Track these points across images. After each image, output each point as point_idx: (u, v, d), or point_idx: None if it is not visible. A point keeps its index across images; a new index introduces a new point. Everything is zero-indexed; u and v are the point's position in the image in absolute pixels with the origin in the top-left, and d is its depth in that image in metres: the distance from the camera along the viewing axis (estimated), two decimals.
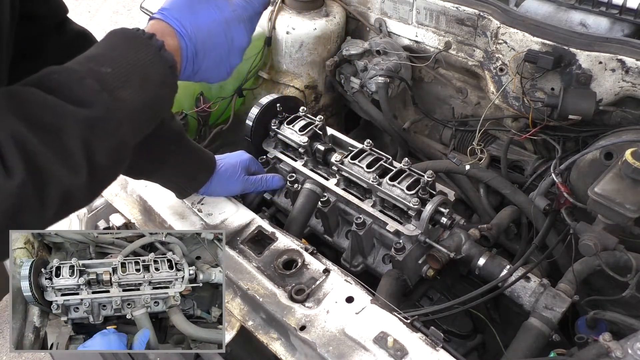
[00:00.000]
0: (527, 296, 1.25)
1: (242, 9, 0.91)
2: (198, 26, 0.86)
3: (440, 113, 2.07)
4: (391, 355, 0.99)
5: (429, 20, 1.81)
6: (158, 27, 0.83)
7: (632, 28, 1.60)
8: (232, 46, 0.91)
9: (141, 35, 0.78)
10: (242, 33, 0.92)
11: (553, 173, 1.39)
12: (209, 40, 0.87)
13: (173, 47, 0.83)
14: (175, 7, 0.86)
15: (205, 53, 0.88)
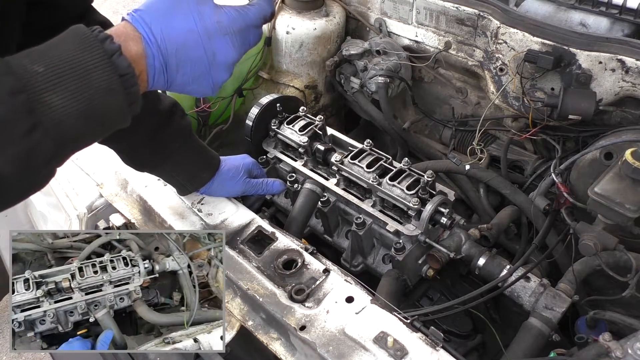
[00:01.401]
0: (527, 296, 1.25)
1: (229, 20, 0.80)
2: (170, 35, 0.76)
3: (440, 113, 2.07)
4: (391, 355, 0.98)
5: (429, 20, 1.81)
6: (123, 30, 0.76)
7: (632, 28, 1.60)
8: (213, 61, 0.81)
9: (93, 35, 0.70)
10: (227, 47, 0.81)
11: (553, 173, 1.39)
12: (182, 52, 0.78)
13: (136, 54, 0.74)
14: (149, 9, 0.77)
15: (179, 65, 0.78)
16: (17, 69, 0.64)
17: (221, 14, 0.79)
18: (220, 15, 0.79)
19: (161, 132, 1.20)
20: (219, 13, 0.79)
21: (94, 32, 0.70)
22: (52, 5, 0.95)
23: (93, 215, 1.52)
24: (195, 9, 0.78)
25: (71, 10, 1.02)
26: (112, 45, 0.71)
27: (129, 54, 0.73)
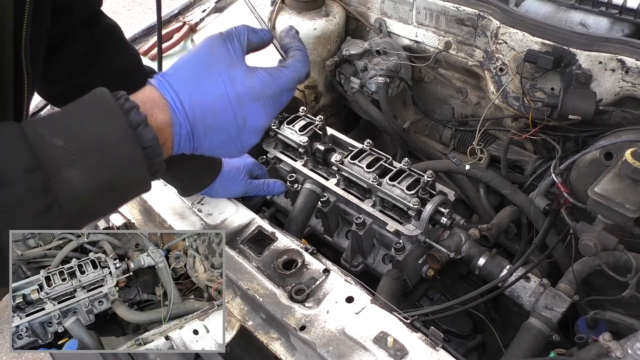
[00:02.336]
0: (527, 296, 1.25)
1: (262, 85, 0.74)
2: (198, 102, 0.71)
3: (440, 113, 2.07)
4: (391, 355, 0.98)
5: (429, 20, 1.81)
6: (149, 97, 0.70)
7: (632, 28, 1.60)
8: (244, 126, 0.75)
9: (118, 105, 0.65)
10: (259, 113, 0.75)
11: (553, 173, 1.39)
12: (212, 119, 0.72)
13: (162, 123, 0.69)
14: (177, 74, 0.72)
15: (207, 131, 0.73)
16: (34, 140, 0.59)
17: (254, 79, 0.74)
18: (252, 80, 0.73)
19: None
20: (252, 77, 0.73)
21: (119, 101, 0.65)
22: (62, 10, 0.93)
23: None
24: (226, 74, 0.72)
25: (83, 14, 1.01)
26: (137, 117, 0.66)
27: (155, 122, 0.68)
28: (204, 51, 0.73)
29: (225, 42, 0.73)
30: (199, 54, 0.73)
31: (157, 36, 1.53)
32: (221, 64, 0.72)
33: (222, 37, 0.74)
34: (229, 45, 0.73)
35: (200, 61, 0.72)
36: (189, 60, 0.73)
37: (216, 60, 0.72)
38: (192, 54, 0.73)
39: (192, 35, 1.86)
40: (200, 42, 0.74)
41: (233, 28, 0.75)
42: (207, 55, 0.72)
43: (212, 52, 0.72)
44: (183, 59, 0.73)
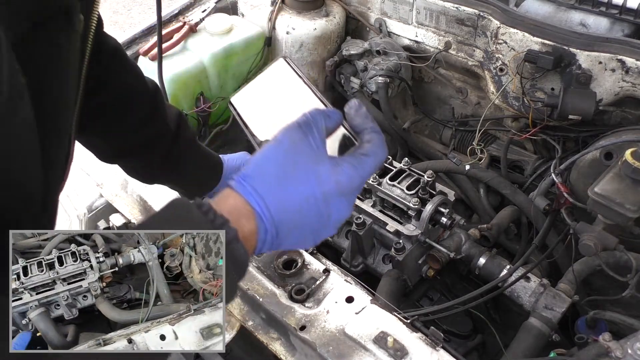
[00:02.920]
0: (527, 296, 1.25)
1: (348, 180, 0.69)
2: (286, 206, 0.66)
3: (440, 113, 2.07)
4: (391, 355, 0.99)
5: (429, 20, 1.81)
6: (234, 205, 0.65)
7: (632, 28, 1.60)
8: (327, 222, 0.71)
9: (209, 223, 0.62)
10: (343, 208, 0.70)
11: (553, 173, 1.39)
12: (297, 220, 0.68)
13: (248, 232, 0.65)
14: (261, 177, 0.66)
15: (290, 233, 0.69)
16: None
17: (339, 174, 0.68)
18: (338, 175, 0.68)
19: (173, 148, 1.18)
20: (337, 172, 0.68)
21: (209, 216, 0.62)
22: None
23: (93, 215, 1.52)
24: (313, 171, 0.67)
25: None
26: (228, 234, 0.62)
27: (242, 233, 0.64)
28: (287, 147, 0.67)
29: (306, 135, 0.68)
30: (282, 150, 0.67)
31: (157, 36, 1.53)
32: (306, 160, 0.67)
33: (302, 129, 0.68)
34: (310, 138, 0.68)
35: (284, 159, 0.67)
36: (272, 158, 0.67)
37: (300, 156, 0.67)
38: (273, 150, 0.68)
39: (192, 36, 1.87)
40: (279, 134, 0.68)
41: (309, 116, 0.69)
42: (290, 152, 0.67)
43: (294, 148, 0.67)
44: (264, 156, 0.68)
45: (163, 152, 1.17)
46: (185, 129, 1.22)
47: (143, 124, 1.12)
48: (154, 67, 1.60)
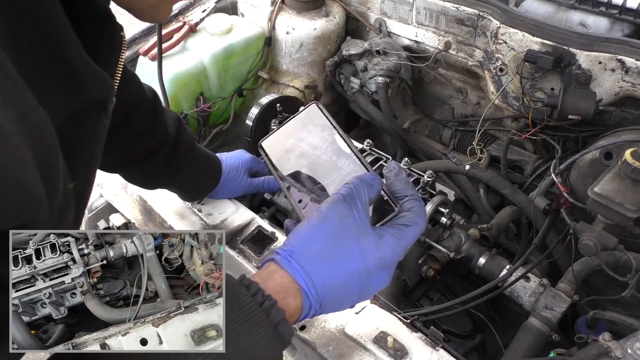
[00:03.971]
0: (526, 296, 1.25)
1: (391, 255, 0.68)
2: (331, 283, 0.66)
3: (440, 113, 2.07)
4: (391, 355, 0.99)
5: (429, 21, 1.81)
6: (281, 284, 0.64)
7: (631, 28, 1.60)
8: (366, 294, 0.70)
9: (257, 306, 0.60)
10: (384, 280, 0.70)
11: (553, 173, 1.39)
12: (340, 295, 0.68)
13: (294, 309, 0.65)
14: (307, 253, 0.65)
15: (332, 305, 0.69)
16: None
17: (383, 249, 0.68)
18: (382, 251, 0.68)
19: (173, 153, 1.19)
20: (381, 247, 0.67)
21: (256, 298, 0.60)
22: None
23: (93, 215, 1.52)
24: (357, 248, 0.66)
25: None
26: (277, 315, 0.61)
27: (288, 311, 0.63)
28: (333, 223, 0.66)
29: (351, 209, 0.67)
30: (328, 226, 0.66)
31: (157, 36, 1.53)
32: (351, 235, 0.66)
33: (347, 203, 0.67)
34: (354, 212, 0.67)
35: (331, 235, 0.66)
36: (318, 235, 0.66)
37: (346, 231, 0.66)
38: (319, 225, 0.67)
39: (192, 36, 1.87)
40: (323, 208, 0.68)
41: (352, 187, 0.68)
42: (336, 228, 0.66)
43: (340, 224, 0.66)
44: (310, 232, 0.67)
45: (164, 158, 1.17)
46: (185, 133, 1.22)
47: (144, 133, 1.11)
48: (153, 67, 1.60)
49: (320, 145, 0.78)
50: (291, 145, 0.79)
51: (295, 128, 0.80)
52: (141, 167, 1.16)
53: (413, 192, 0.72)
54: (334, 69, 2.00)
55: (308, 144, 0.78)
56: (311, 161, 0.77)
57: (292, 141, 0.79)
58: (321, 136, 0.78)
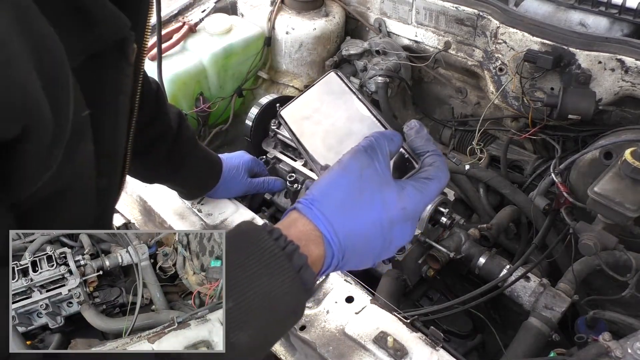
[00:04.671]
0: (526, 296, 1.25)
1: (413, 205, 0.68)
2: (353, 231, 0.65)
3: (439, 113, 2.07)
4: (391, 355, 0.99)
5: (429, 20, 1.81)
6: (303, 231, 0.64)
7: (631, 28, 1.60)
8: (388, 247, 0.70)
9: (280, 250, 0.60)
10: (406, 232, 0.70)
11: (553, 173, 1.39)
12: (362, 245, 0.67)
13: (316, 257, 0.64)
14: (329, 202, 0.65)
15: (354, 256, 0.68)
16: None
17: (405, 199, 0.67)
18: (404, 201, 0.67)
19: (174, 147, 1.18)
20: (403, 198, 0.67)
21: (279, 242, 0.60)
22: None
23: None
24: (379, 197, 0.66)
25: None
26: (299, 260, 0.61)
27: (310, 259, 0.63)
28: (354, 172, 0.66)
29: (372, 160, 0.67)
30: (349, 175, 0.66)
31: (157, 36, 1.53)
32: (373, 186, 0.66)
33: (368, 154, 0.67)
34: (375, 163, 0.67)
35: (352, 185, 0.66)
36: (340, 184, 0.66)
37: (367, 182, 0.66)
38: (341, 175, 0.66)
39: (191, 36, 1.87)
40: (345, 159, 0.67)
41: (373, 139, 0.68)
42: (358, 178, 0.66)
43: (362, 174, 0.66)
44: (331, 181, 0.67)
45: (165, 151, 1.17)
46: (186, 128, 1.22)
47: (147, 123, 1.11)
48: (153, 68, 1.60)
49: (340, 110, 0.78)
50: (311, 112, 0.79)
51: (314, 96, 0.80)
52: (142, 159, 1.16)
53: (434, 148, 0.72)
54: (334, 68, 2.00)
55: (328, 111, 0.78)
56: (331, 127, 0.77)
57: (312, 109, 0.79)
58: (340, 102, 0.78)
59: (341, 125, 0.77)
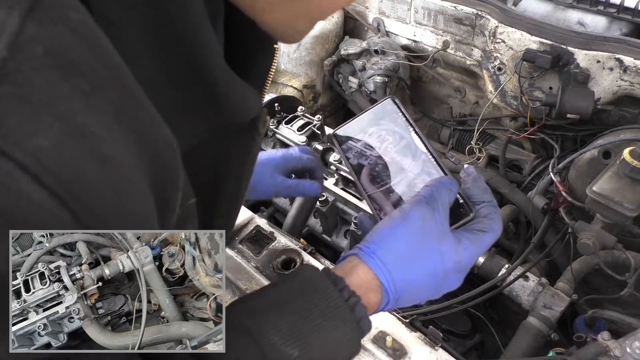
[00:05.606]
0: (525, 295, 1.25)
1: (469, 257, 0.69)
2: (410, 283, 0.67)
3: (438, 112, 2.07)
4: (390, 355, 0.98)
5: (427, 20, 1.81)
6: (364, 280, 0.65)
7: (630, 27, 1.60)
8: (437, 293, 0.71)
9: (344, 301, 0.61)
10: (457, 282, 0.71)
11: (551, 172, 1.39)
12: (415, 293, 0.69)
13: (373, 305, 0.66)
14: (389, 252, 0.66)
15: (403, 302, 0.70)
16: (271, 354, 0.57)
17: (461, 253, 0.68)
18: (460, 254, 0.68)
19: None
20: (460, 251, 0.68)
21: (343, 294, 0.62)
22: None
23: None
24: (437, 251, 0.67)
25: None
26: (361, 311, 0.62)
27: (369, 307, 0.65)
28: (416, 224, 0.67)
29: (433, 211, 0.68)
30: (411, 226, 0.67)
31: None
32: (432, 237, 0.67)
33: (429, 205, 0.68)
34: (435, 214, 0.68)
35: (413, 236, 0.67)
36: (401, 234, 0.67)
37: (427, 233, 0.67)
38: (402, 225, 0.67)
39: None
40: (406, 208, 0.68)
41: (434, 190, 0.69)
42: (418, 229, 0.67)
43: (422, 224, 0.67)
44: (393, 231, 0.67)
45: None
46: None
47: None
48: None
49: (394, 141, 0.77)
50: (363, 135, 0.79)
51: (369, 121, 0.79)
52: None
53: (490, 199, 0.73)
54: (332, 68, 2.00)
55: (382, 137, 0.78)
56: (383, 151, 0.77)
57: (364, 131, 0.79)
58: (395, 131, 0.77)
59: (395, 152, 0.76)
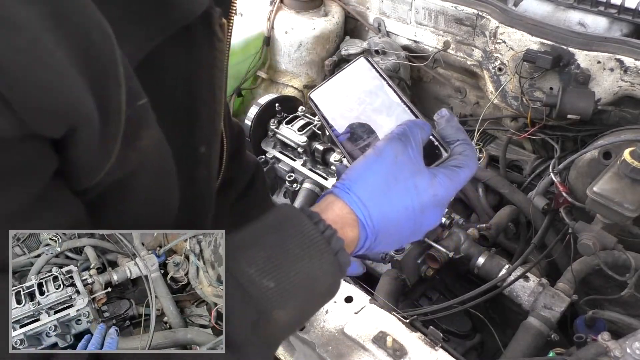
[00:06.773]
0: (526, 296, 1.25)
1: (444, 192, 0.70)
2: (386, 216, 0.68)
3: None
4: (390, 355, 0.98)
5: (428, 20, 1.81)
6: (340, 214, 0.66)
7: (630, 27, 1.60)
8: (418, 231, 0.72)
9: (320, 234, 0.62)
10: (435, 217, 0.72)
11: (552, 172, 1.39)
12: (394, 228, 0.70)
13: (350, 240, 0.67)
14: (365, 186, 0.68)
15: (385, 239, 0.70)
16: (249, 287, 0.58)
17: (437, 186, 0.69)
18: (436, 188, 0.69)
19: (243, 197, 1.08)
20: (435, 185, 0.69)
21: (319, 226, 0.62)
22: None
23: None
24: (412, 184, 0.68)
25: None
26: (337, 244, 0.63)
27: (347, 242, 0.66)
28: (389, 159, 0.68)
29: (406, 147, 0.69)
30: (384, 161, 0.68)
31: None
32: (406, 172, 0.69)
33: (402, 142, 0.69)
34: (409, 150, 0.69)
35: (387, 171, 0.68)
36: (375, 170, 0.69)
37: (401, 168, 0.69)
38: (376, 161, 0.69)
39: None
40: (380, 145, 0.70)
41: (406, 127, 0.70)
42: (392, 164, 0.69)
43: (396, 160, 0.69)
44: (366, 166, 0.69)
45: (232, 199, 1.07)
46: (261, 180, 1.13)
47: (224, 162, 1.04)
48: None
49: (370, 96, 0.79)
50: (340, 97, 0.80)
51: (344, 80, 0.80)
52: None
53: (465, 137, 0.74)
54: (333, 68, 2.00)
55: (358, 96, 0.79)
56: (361, 112, 0.79)
57: (342, 93, 0.80)
58: (370, 88, 0.79)
59: (371, 110, 0.78)
